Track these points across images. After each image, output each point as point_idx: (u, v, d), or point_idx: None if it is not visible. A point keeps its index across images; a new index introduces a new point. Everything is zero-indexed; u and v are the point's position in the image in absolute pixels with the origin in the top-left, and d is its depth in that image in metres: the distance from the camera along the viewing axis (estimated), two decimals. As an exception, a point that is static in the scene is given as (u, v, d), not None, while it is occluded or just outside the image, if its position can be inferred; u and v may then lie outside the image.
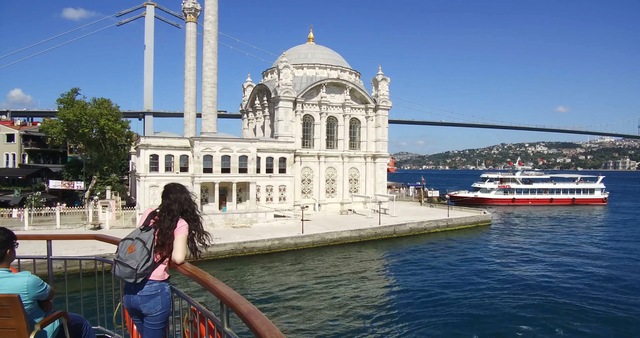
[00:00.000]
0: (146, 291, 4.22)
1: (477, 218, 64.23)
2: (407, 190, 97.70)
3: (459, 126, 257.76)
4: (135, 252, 4.14)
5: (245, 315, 2.69)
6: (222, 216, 52.03)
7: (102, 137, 61.56)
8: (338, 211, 66.87)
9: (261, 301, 29.53)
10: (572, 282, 34.99)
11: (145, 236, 4.25)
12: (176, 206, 4.45)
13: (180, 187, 4.72)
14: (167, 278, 4.39)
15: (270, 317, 26.00)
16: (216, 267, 38.11)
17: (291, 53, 70.69)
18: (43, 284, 3.92)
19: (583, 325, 25.57)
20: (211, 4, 59.16)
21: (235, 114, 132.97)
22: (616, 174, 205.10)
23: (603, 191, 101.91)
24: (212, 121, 60.00)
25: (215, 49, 59.86)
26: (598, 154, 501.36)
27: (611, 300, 30.13)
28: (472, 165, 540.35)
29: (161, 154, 52.16)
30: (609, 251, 48.30)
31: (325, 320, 26.15)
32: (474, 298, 30.68)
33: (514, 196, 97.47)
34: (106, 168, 62.83)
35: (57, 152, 76.98)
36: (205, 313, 3.75)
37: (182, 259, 4.20)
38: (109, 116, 59.15)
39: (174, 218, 4.37)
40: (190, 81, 67.10)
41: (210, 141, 53.06)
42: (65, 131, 59.33)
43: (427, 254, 45.40)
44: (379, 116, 72.10)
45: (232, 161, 53.94)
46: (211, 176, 52.90)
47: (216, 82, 60.24)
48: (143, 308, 4.24)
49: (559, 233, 59.81)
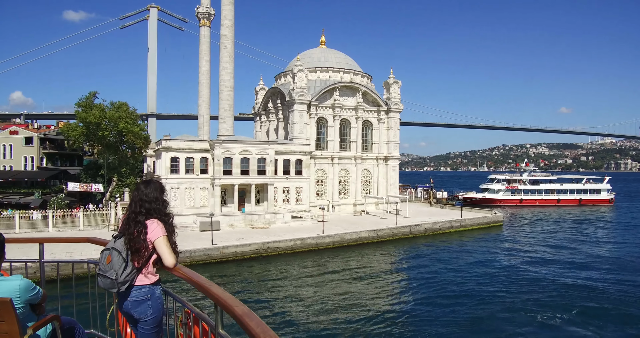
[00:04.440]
0: (135, 296, 4.17)
1: (489, 219, 65.29)
2: (415, 191, 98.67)
3: (461, 127, 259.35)
4: (113, 262, 4.07)
5: (240, 317, 2.68)
6: (242, 218, 53.04)
7: (120, 139, 62.71)
8: (351, 212, 67.93)
9: (284, 300, 30.58)
10: (586, 280, 36.02)
11: (119, 245, 4.15)
12: (136, 207, 4.28)
13: (146, 182, 4.46)
14: (157, 281, 4.30)
15: (286, 316, 27.09)
16: (241, 266, 39.17)
17: (304, 57, 71.79)
18: (35, 288, 3.83)
19: (600, 323, 26.57)
20: (228, 9, 60.26)
21: (244, 116, 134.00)
22: (618, 175, 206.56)
23: (609, 191, 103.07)
24: (229, 123, 61.06)
25: (232, 54, 60.97)
26: (599, 155, 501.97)
27: (626, 298, 31.15)
28: (474, 166, 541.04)
29: (182, 157, 53.23)
30: (619, 250, 49.30)
31: (347, 318, 27.19)
32: (492, 297, 31.72)
33: (521, 197, 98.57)
34: (124, 170, 63.96)
35: (74, 155, 78.19)
36: (200, 315, 3.71)
37: (173, 262, 4.07)
38: (127, 119, 60.39)
39: (138, 222, 4.20)
40: (204, 84, 68.31)
41: (230, 144, 54.16)
42: (84, 133, 60.49)
43: (444, 254, 46.47)
44: (391, 119, 73.21)
45: (251, 163, 55.04)
46: (231, 178, 53.98)
47: (233, 85, 61.34)
48: (134, 314, 4.21)
49: (569, 233, 60.85)
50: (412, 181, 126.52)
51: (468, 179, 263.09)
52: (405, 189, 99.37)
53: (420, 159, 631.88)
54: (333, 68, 70.66)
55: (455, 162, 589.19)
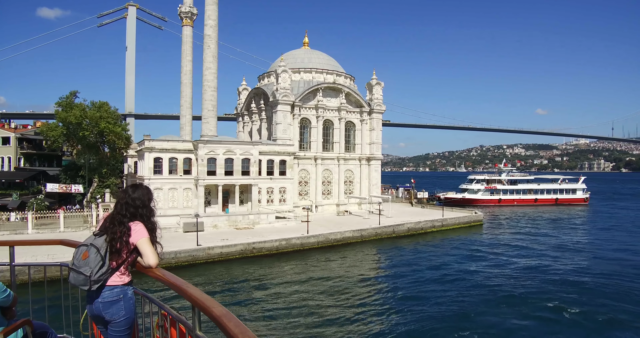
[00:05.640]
0: (107, 297, 4.10)
1: (469, 218, 66.49)
2: (396, 192, 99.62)
3: (439, 128, 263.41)
4: (89, 259, 4.01)
5: (218, 318, 2.64)
6: (226, 218, 52.90)
7: (101, 140, 61.89)
8: (334, 212, 68.35)
9: (269, 301, 30.77)
10: (563, 275, 37.14)
11: (98, 242, 4.12)
12: (122, 210, 4.27)
13: (134, 186, 4.50)
14: (130, 282, 4.27)
15: (269, 316, 27.27)
16: (227, 267, 39.19)
17: (288, 57, 71.92)
18: (6, 290, 3.78)
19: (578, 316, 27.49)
20: (212, 9, 59.97)
21: (227, 117, 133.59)
22: (591, 175, 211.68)
23: (584, 191, 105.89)
24: (212, 124, 60.75)
25: (215, 54, 60.69)
26: (574, 155, 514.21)
27: (601, 289, 32.24)
28: (452, 167, 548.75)
29: (165, 157, 52.86)
30: (595, 247, 50.78)
31: (332, 317, 27.53)
32: (474, 293, 32.52)
33: (500, 197, 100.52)
34: (105, 171, 63.13)
35: (53, 155, 76.81)
36: (176, 317, 3.65)
37: (156, 262, 4.07)
38: (109, 119, 59.63)
39: (122, 223, 4.20)
40: (186, 84, 67.84)
41: (215, 144, 54.00)
42: (64, 133, 59.52)
43: (427, 253, 47.19)
44: (374, 119, 73.92)
45: (235, 163, 54.97)
46: (215, 179, 53.82)
47: (216, 86, 61.03)
48: (106, 315, 4.11)
49: (546, 232, 62.48)
50: (393, 182, 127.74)
51: (447, 179, 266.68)
52: (386, 189, 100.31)
53: (399, 159, 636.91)
54: (316, 69, 71.01)
55: (434, 162, 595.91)
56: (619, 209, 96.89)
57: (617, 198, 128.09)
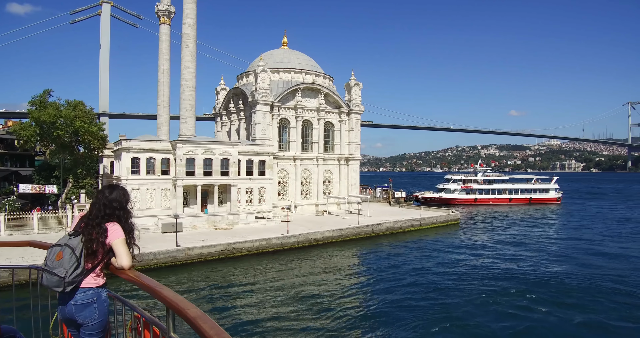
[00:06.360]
0: (81, 299, 4.00)
1: (447, 217, 67.51)
2: (374, 192, 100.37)
3: (416, 128, 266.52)
4: (64, 259, 3.91)
5: (193, 319, 2.60)
6: (205, 219, 52.51)
7: (75, 139, 60.69)
8: (314, 212, 68.51)
9: (248, 301, 30.77)
10: (536, 271, 38.19)
11: (73, 243, 4.02)
12: (98, 211, 4.19)
13: (110, 187, 4.41)
14: (104, 284, 4.18)
15: (248, 317, 27.12)
16: (207, 268, 38.96)
17: (266, 57, 71.78)
18: None
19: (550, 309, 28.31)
20: (190, 8, 59.41)
21: (206, 117, 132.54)
22: (563, 175, 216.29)
23: (557, 190, 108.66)
24: (190, 124, 60.19)
25: (194, 53, 60.17)
26: (546, 156, 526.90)
27: (570, 284, 33.25)
28: (428, 167, 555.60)
29: (143, 157, 52.19)
30: (567, 244, 52.24)
31: (313, 317, 27.70)
32: (452, 289, 33.20)
33: (476, 197, 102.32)
34: (80, 171, 61.91)
35: (25, 155, 74.88)
36: (150, 319, 3.58)
37: (129, 264, 3.98)
38: (84, 118, 58.52)
39: (99, 224, 4.11)
40: (164, 83, 67.00)
41: (193, 144, 53.57)
42: (38, 133, 58.18)
43: (406, 251, 47.78)
44: (352, 120, 74.35)
45: (214, 164, 54.63)
46: (194, 179, 53.39)
47: (195, 85, 60.51)
48: (78, 318, 4.01)
49: (520, 230, 64.08)
50: (370, 182, 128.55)
51: (423, 179, 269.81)
52: (364, 189, 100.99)
53: (376, 159, 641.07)
54: (295, 69, 71.06)
55: (411, 163, 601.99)
56: (590, 208, 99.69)
57: (588, 198, 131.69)
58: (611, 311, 28.25)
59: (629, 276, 36.89)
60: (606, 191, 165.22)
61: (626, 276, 37.11)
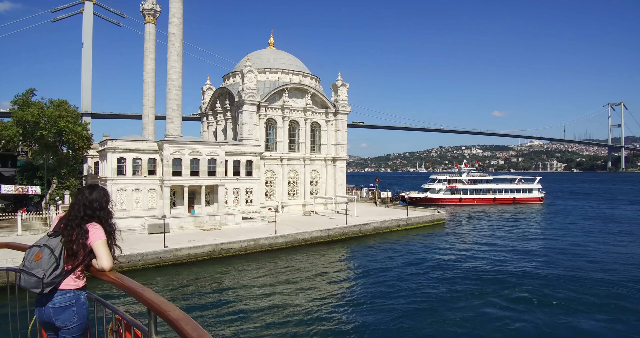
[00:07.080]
0: (59, 302, 3.89)
1: (433, 217, 68.16)
2: (360, 192, 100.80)
3: (401, 129, 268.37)
4: (42, 260, 3.81)
5: (175, 321, 2.57)
6: (192, 219, 52.24)
7: (59, 139, 59.86)
8: (301, 212, 68.61)
9: (235, 302, 30.76)
10: (520, 269, 38.81)
11: (53, 243, 3.92)
12: (78, 211, 4.11)
13: (90, 187, 4.33)
14: (83, 286, 4.07)
15: (234, 319, 26.96)
16: (195, 268, 38.77)
17: (253, 57, 71.65)
18: None
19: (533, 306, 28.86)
20: (176, 7, 59.03)
21: (192, 117, 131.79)
22: (545, 175, 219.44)
23: (540, 190, 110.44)
24: (177, 124, 59.80)
25: (180, 52, 59.80)
26: (528, 156, 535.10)
27: (555, 282, 33.92)
28: (413, 167, 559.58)
29: (129, 158, 51.72)
30: (549, 242, 53.18)
31: (302, 318, 27.81)
32: (438, 286, 33.62)
33: (460, 196, 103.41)
34: (64, 171, 61.09)
35: (7, 155, 73.64)
36: (131, 321, 3.52)
37: (110, 266, 3.89)
38: (68, 118, 57.74)
39: (79, 225, 4.03)
40: (149, 83, 66.49)
41: (180, 145, 53.24)
42: (20, 133, 57.26)
43: (394, 251, 48.17)
44: (339, 120, 74.64)
45: (201, 164, 54.35)
46: (180, 180, 53.05)
47: (181, 85, 60.11)
48: (57, 321, 3.90)
49: (504, 229, 65.02)
50: (356, 182, 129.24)
51: (408, 179, 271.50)
52: (350, 189, 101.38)
53: (361, 160, 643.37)
54: (282, 70, 71.10)
55: (395, 163, 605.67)
56: (572, 207, 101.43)
57: (570, 197, 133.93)
58: (596, 307, 28.87)
59: (611, 271, 37.95)
60: (588, 191, 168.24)
61: (608, 270, 38.44)
